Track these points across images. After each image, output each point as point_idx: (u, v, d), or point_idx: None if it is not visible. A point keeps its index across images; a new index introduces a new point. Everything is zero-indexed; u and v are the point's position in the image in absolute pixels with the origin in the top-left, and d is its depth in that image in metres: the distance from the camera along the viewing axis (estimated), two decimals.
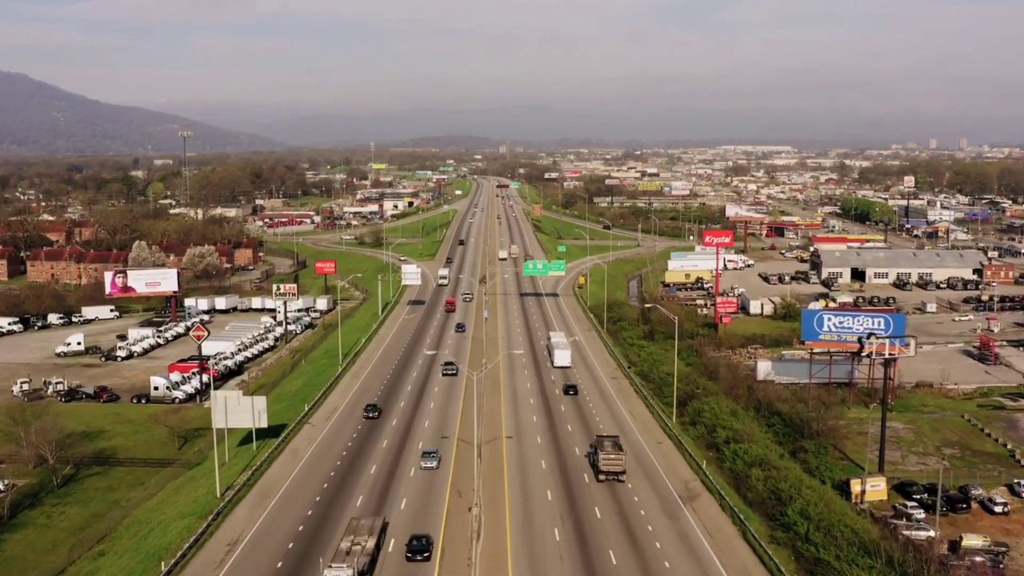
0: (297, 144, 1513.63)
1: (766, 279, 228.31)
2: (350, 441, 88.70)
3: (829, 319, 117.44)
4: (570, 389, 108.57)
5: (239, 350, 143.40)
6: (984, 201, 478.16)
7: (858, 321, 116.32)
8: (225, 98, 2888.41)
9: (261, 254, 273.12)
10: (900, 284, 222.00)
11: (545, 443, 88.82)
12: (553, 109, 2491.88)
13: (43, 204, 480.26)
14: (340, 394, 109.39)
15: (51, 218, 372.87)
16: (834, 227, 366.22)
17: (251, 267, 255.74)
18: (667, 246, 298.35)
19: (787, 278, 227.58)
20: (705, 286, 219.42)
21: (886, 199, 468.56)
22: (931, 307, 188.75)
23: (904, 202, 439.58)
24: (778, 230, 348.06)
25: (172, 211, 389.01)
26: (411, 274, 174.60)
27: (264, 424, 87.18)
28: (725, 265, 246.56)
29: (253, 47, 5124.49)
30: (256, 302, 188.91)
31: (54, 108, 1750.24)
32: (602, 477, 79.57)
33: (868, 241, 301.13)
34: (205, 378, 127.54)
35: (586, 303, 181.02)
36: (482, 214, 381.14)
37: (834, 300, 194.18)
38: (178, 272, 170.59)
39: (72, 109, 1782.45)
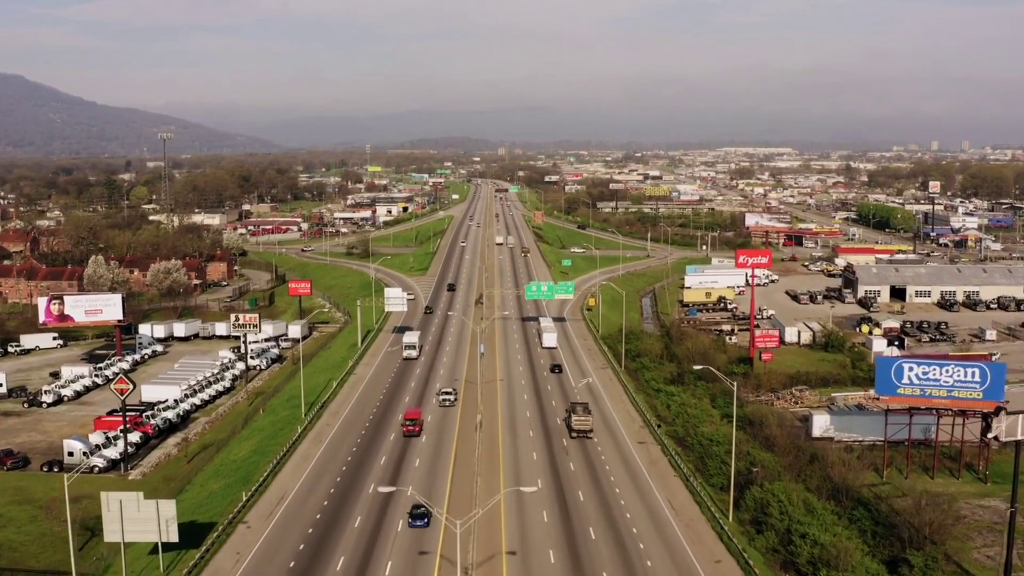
0: (295, 146, 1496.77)
1: (795, 298, 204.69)
2: (293, 559, 64.96)
3: (910, 369, 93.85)
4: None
5: (187, 395, 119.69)
6: (1004, 206, 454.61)
7: (947, 372, 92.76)
8: (225, 100, 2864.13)
9: (236, 267, 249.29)
10: (945, 304, 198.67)
11: (560, 561, 65.23)
12: (552, 110, 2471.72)
13: (21, 210, 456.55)
14: (294, 469, 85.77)
15: (21, 225, 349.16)
16: (854, 235, 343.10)
17: (224, 283, 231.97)
18: (679, 257, 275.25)
19: (819, 297, 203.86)
20: (729, 306, 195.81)
21: (901, 204, 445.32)
22: (990, 334, 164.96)
23: (922, 207, 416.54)
24: (796, 238, 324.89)
25: (152, 217, 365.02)
26: (395, 299, 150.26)
27: (173, 538, 63.71)
28: (747, 280, 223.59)
29: (253, 48, 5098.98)
30: (221, 328, 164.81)
31: (51, 110, 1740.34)
32: (574, 434, 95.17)
33: (897, 252, 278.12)
34: (135, 437, 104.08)
35: (598, 330, 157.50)
36: (478, 230, 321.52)
37: (878, 325, 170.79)
38: (123, 297, 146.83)
39: (69, 111, 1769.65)
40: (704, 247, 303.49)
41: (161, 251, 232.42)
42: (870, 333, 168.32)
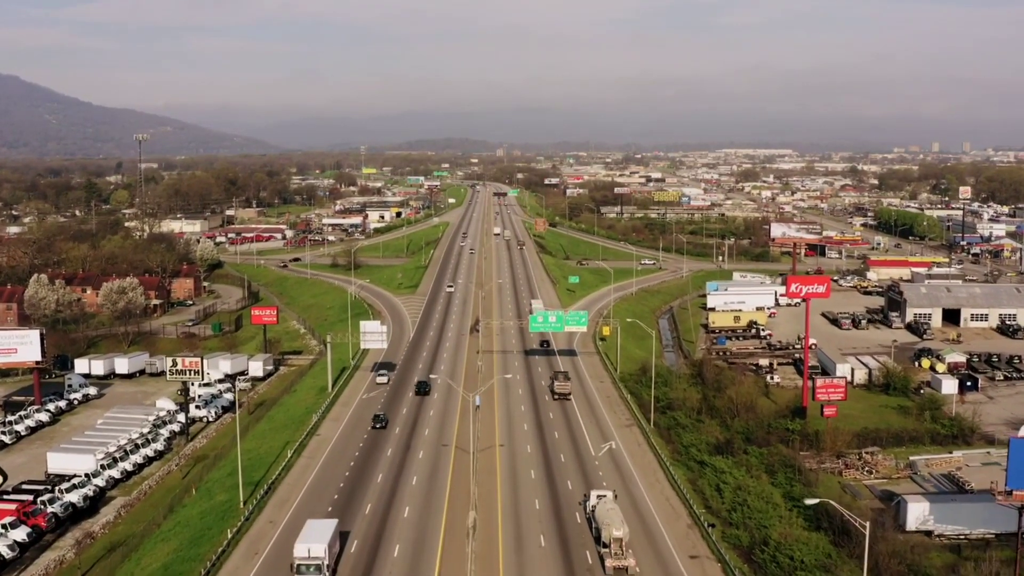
0: (293, 147, 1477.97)
1: (835, 322, 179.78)
2: None
3: None
4: None
5: (104, 465, 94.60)
6: None
7: None
8: (223, 100, 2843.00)
9: (206, 284, 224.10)
10: (1006, 329, 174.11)
11: None
12: (551, 111, 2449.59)
13: None
14: None
15: None
16: (879, 244, 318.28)
17: (190, 301, 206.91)
18: (695, 269, 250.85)
19: (863, 321, 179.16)
20: (762, 333, 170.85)
21: (919, 208, 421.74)
22: None
23: (939, 211, 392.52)
24: (818, 248, 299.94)
25: (128, 224, 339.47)
26: (373, 335, 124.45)
27: None
28: (777, 300, 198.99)
29: (252, 49, 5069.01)
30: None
31: (46, 111, 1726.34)
32: (556, 396, 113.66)
33: (932, 265, 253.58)
34: (20, 534, 79.22)
35: (615, 368, 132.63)
36: (471, 257, 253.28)
37: (939, 359, 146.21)
38: (42, 334, 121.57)
39: (64, 111, 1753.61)
40: (720, 258, 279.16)
41: (119, 266, 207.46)
42: (932, 368, 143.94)
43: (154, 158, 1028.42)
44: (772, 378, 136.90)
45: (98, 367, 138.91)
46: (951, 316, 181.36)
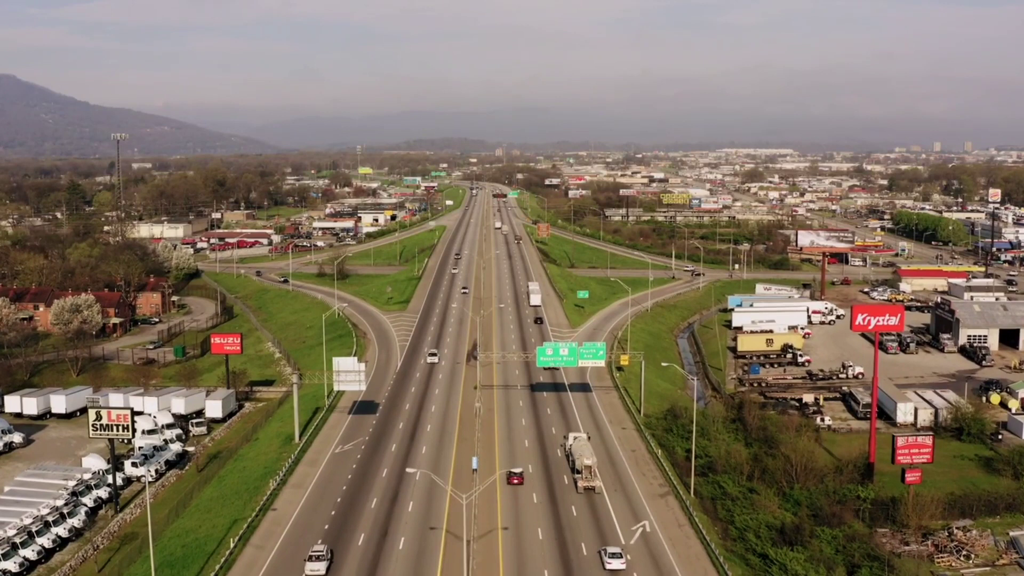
0: (289, 147, 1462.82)
1: (880, 344, 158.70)
2: None
3: None
4: None
5: (2, 553, 74.07)
6: None
7: None
8: (222, 100, 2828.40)
9: (175, 298, 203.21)
10: None
11: None
12: (550, 111, 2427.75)
13: None
14: None
15: None
16: (903, 249, 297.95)
17: (156, 319, 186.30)
18: (711, 279, 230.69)
19: (911, 344, 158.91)
20: (800, 359, 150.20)
21: (936, 211, 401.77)
22: None
23: (957, 214, 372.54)
24: (839, 254, 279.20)
25: (106, 228, 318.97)
26: (348, 374, 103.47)
27: None
28: (810, 318, 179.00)
29: (251, 49, 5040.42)
30: (117, 399, 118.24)
31: (43, 110, 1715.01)
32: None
33: (969, 274, 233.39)
34: None
35: (638, 409, 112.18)
36: (468, 271, 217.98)
37: (1011, 393, 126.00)
38: None
39: (61, 111, 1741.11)
40: (736, 266, 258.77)
41: (79, 278, 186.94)
42: (1004, 405, 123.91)
43: (150, 158, 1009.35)
44: (821, 419, 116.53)
45: (31, 406, 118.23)
46: (1008, 337, 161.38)
